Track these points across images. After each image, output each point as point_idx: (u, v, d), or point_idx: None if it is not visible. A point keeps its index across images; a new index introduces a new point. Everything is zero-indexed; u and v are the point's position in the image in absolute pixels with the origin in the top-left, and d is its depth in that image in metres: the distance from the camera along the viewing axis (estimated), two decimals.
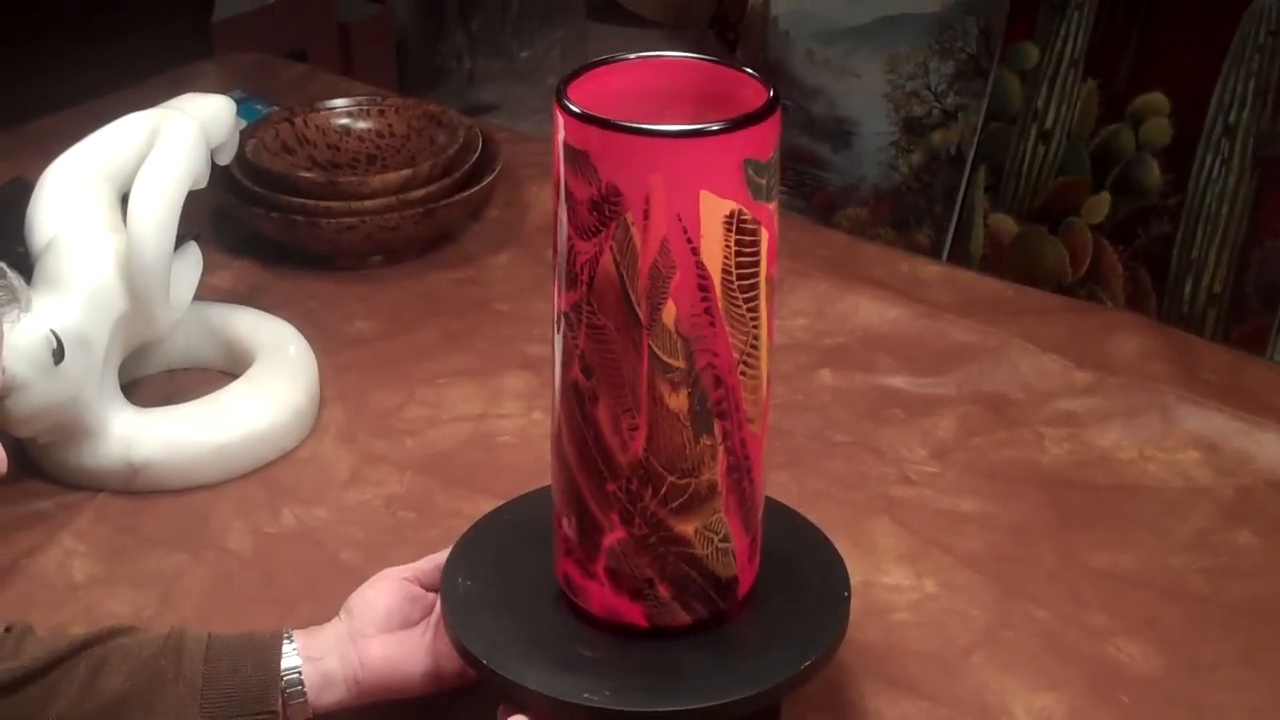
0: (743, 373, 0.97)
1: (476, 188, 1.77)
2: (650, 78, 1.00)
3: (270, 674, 1.08)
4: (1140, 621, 1.24)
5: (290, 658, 1.09)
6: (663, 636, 1.04)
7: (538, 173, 1.88)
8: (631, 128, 0.91)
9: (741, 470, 1.00)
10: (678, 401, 0.96)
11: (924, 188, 2.38)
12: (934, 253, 2.29)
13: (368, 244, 1.73)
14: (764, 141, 0.92)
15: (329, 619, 1.14)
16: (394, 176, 1.73)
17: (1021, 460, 1.44)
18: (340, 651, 1.10)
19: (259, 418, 1.43)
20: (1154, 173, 2.10)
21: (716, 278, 0.93)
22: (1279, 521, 1.35)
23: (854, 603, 1.09)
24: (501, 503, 1.19)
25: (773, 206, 0.95)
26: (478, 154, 1.82)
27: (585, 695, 1.01)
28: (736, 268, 0.94)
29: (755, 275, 0.95)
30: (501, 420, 1.50)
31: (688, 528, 1.00)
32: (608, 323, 0.95)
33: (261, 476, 1.42)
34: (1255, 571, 1.30)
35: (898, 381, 1.55)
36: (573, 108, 0.93)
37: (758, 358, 0.98)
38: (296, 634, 1.11)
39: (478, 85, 3.39)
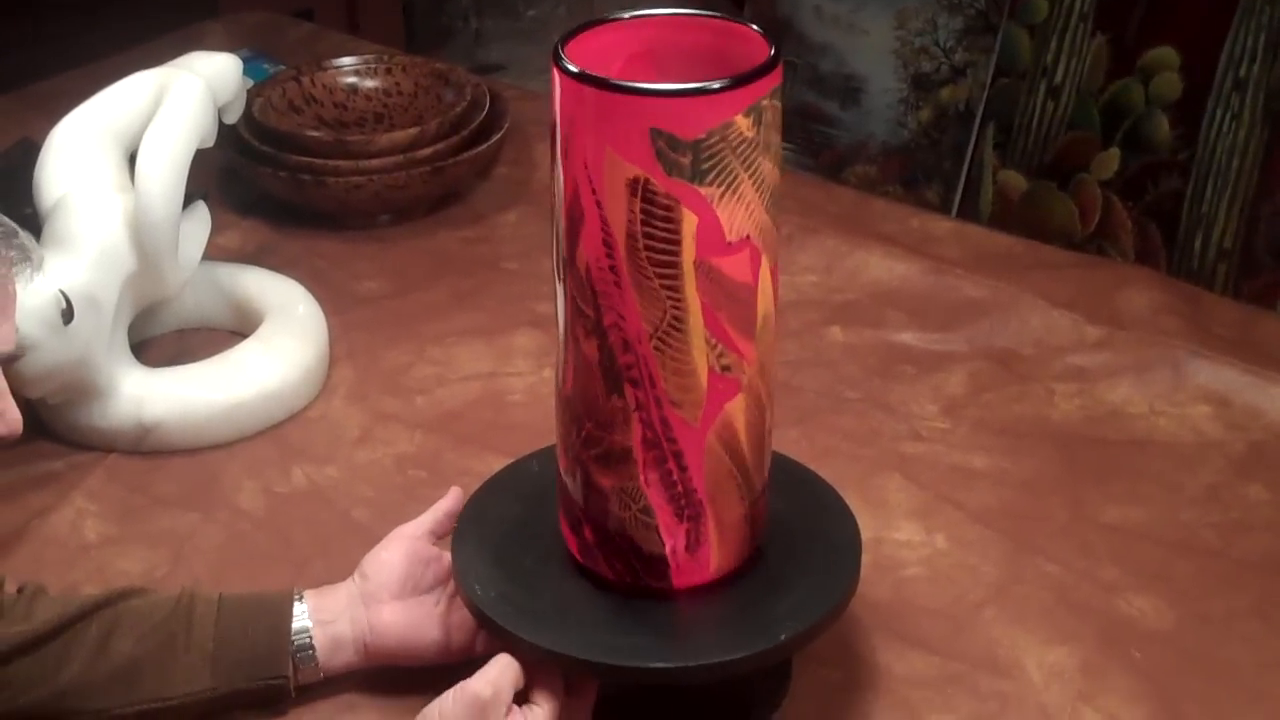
0: (657, 349, 0.95)
1: (484, 146, 1.77)
2: (658, 34, 0.99)
3: (281, 637, 1.08)
4: (1151, 576, 1.24)
5: (300, 620, 1.09)
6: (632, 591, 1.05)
7: (545, 130, 1.87)
8: (563, 66, 0.92)
9: (663, 451, 0.99)
10: (590, 349, 0.97)
11: (933, 144, 2.37)
12: (943, 210, 2.28)
13: (376, 203, 1.73)
14: (682, 117, 0.90)
15: (340, 577, 1.15)
16: (401, 135, 1.73)
17: (1032, 416, 1.43)
18: (351, 614, 1.11)
19: (269, 377, 1.43)
20: (1164, 128, 2.09)
21: (621, 239, 0.93)
22: None
23: (865, 559, 1.09)
24: (512, 460, 1.19)
25: (706, 192, 0.92)
26: (485, 112, 1.81)
27: (475, 586, 1.05)
28: (644, 238, 0.92)
29: (672, 255, 0.93)
30: (511, 378, 1.50)
31: (605, 481, 1.01)
32: (554, 254, 0.98)
33: (272, 436, 1.43)
34: (1266, 526, 1.30)
35: (908, 337, 1.55)
36: (560, 52, 0.94)
37: (682, 342, 0.95)
38: (308, 594, 1.11)
39: (484, 44, 3.38)
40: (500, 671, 1.00)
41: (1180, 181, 2.07)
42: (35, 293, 1.29)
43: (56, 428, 1.42)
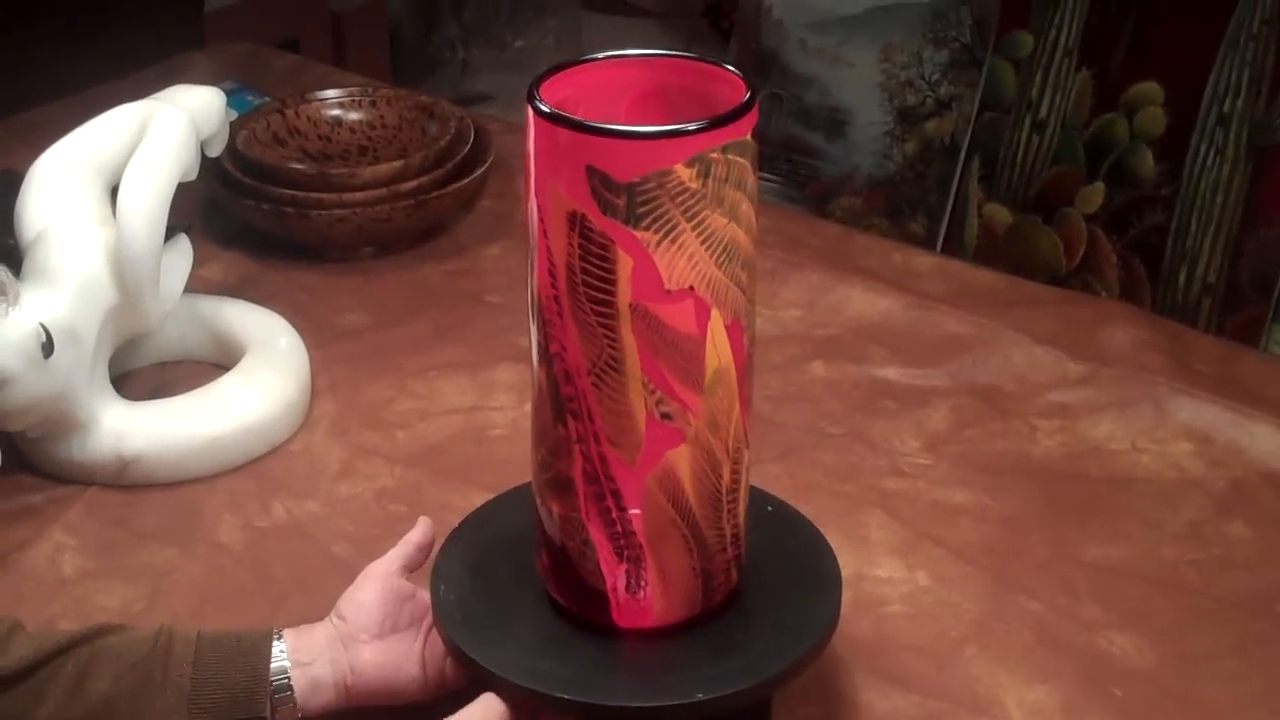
0: (595, 385, 0.95)
1: (468, 179, 1.77)
2: (637, 75, 1.00)
3: (259, 679, 1.07)
4: (1132, 614, 1.24)
5: (279, 660, 1.08)
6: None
7: None
8: (532, 97, 0.93)
9: (602, 487, 0.99)
10: (541, 375, 0.98)
11: (918, 177, 2.37)
12: (928, 243, 2.28)
13: (359, 236, 1.73)
14: (615, 159, 0.89)
15: (320, 613, 1.14)
16: (385, 168, 1.73)
17: (1014, 452, 1.43)
18: (331, 655, 1.10)
19: (250, 410, 1.43)
20: (1148, 162, 2.09)
21: (562, 271, 0.93)
22: (1271, 513, 1.35)
23: (846, 595, 1.08)
24: (494, 495, 1.19)
25: (642, 237, 0.91)
26: (469, 145, 1.81)
27: (441, 586, 1.08)
28: (582, 273, 0.92)
29: (607, 294, 0.92)
30: (493, 412, 1.49)
31: (556, 508, 1.02)
32: None
33: (252, 469, 1.42)
34: (1247, 564, 1.29)
35: (890, 373, 1.55)
36: (534, 89, 0.94)
37: (619, 382, 0.95)
38: (286, 634, 1.10)
39: (471, 75, 3.38)
40: (482, 712, 1.00)
41: (1164, 216, 2.07)
42: (15, 326, 1.29)
43: (36, 461, 1.41)
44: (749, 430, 1.02)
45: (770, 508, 1.15)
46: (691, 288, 0.93)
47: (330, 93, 1.90)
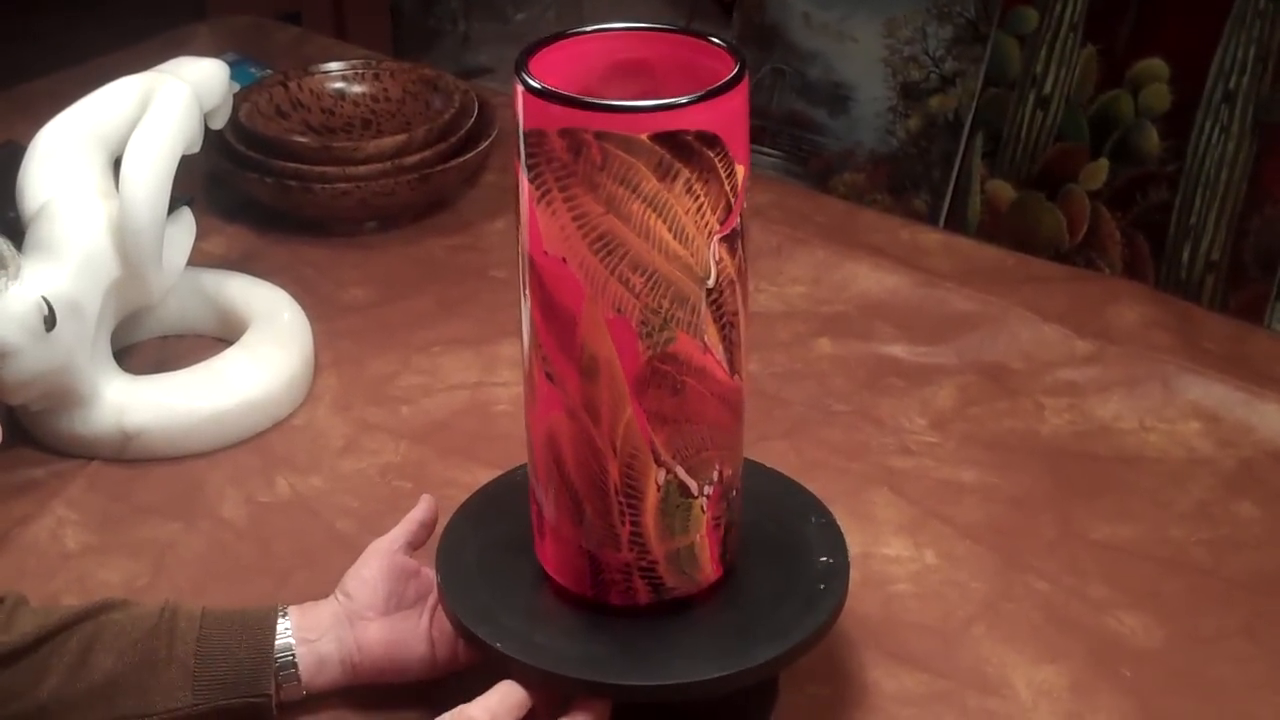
0: (520, 320, 0.98)
1: (472, 153, 1.76)
2: (633, 47, 1.00)
3: (263, 656, 1.07)
4: (1141, 594, 1.23)
5: (284, 637, 1.08)
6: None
7: None
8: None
9: (527, 419, 1.02)
10: None
11: (921, 153, 2.36)
12: (931, 218, 2.28)
13: (362, 209, 1.72)
14: (520, 104, 0.91)
15: (324, 588, 1.14)
16: (389, 141, 1.72)
17: (1021, 430, 1.43)
18: (337, 633, 1.09)
19: (253, 385, 1.42)
20: (1153, 139, 2.09)
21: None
22: None
23: (853, 574, 1.08)
24: (500, 473, 1.18)
25: (529, 189, 0.92)
26: (473, 119, 1.80)
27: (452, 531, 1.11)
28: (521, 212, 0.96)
29: (520, 236, 0.95)
30: (497, 388, 1.49)
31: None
32: None
33: (256, 444, 1.41)
34: (1256, 543, 1.29)
35: (897, 350, 1.54)
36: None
37: (528, 327, 0.97)
38: (291, 610, 1.10)
39: (472, 48, 3.37)
40: (500, 699, 0.98)
41: (1169, 193, 2.07)
42: (18, 299, 1.28)
43: (37, 435, 1.40)
44: (668, 448, 0.97)
45: (775, 483, 1.15)
46: (564, 260, 0.93)
47: (333, 65, 1.89)
